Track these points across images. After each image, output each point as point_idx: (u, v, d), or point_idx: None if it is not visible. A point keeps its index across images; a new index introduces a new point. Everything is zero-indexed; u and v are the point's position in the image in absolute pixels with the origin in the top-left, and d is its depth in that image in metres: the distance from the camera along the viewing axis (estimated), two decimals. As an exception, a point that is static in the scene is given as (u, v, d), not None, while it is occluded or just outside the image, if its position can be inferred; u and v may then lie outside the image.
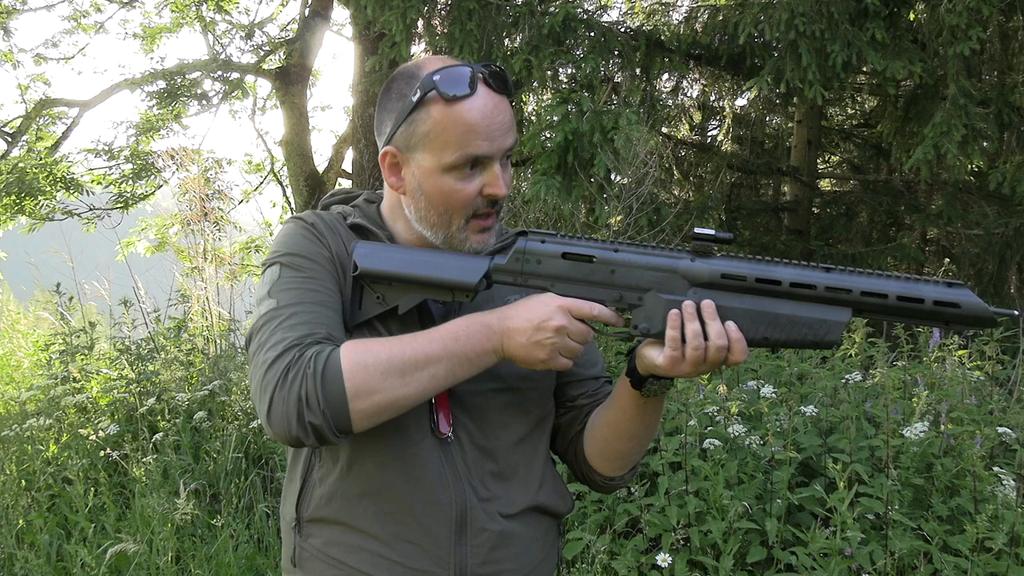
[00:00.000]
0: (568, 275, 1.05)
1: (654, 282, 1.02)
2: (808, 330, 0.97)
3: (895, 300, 0.94)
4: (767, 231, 7.57)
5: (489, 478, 1.14)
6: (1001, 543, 2.10)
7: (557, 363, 1.03)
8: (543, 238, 1.08)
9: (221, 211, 6.20)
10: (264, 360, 0.99)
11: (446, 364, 1.01)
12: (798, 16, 4.73)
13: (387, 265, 1.10)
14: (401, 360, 0.99)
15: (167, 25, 9.39)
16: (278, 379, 0.97)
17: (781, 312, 0.97)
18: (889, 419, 2.53)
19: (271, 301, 1.05)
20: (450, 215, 1.10)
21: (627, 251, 1.04)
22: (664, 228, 4.79)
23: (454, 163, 1.06)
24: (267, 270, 1.11)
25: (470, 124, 1.05)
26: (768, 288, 0.98)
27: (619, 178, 4.69)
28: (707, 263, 1.00)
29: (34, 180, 7.90)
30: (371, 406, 0.97)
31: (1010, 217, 5.83)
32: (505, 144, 1.09)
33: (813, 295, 0.96)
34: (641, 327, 1.03)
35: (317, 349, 0.98)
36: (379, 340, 1.03)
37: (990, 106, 4.92)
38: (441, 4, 5.70)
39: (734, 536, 2.34)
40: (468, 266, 1.09)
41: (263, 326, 1.04)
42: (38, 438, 3.77)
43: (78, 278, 5.12)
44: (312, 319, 1.03)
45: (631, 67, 5.90)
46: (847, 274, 0.96)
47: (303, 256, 1.10)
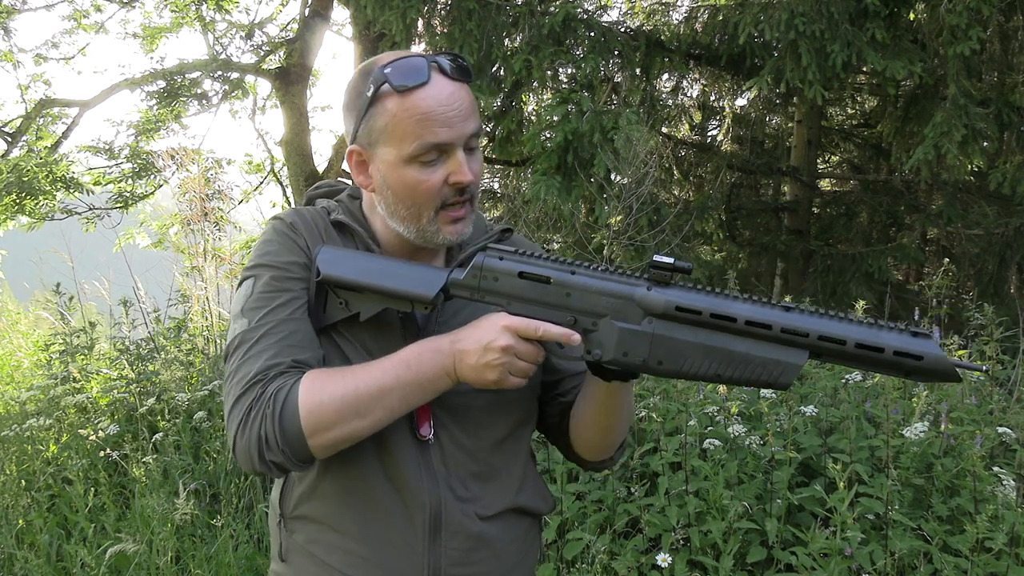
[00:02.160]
0: (524, 295, 1.04)
1: (609, 308, 1.00)
2: (762, 370, 0.94)
3: (853, 347, 0.91)
4: (767, 231, 7.57)
5: (470, 479, 1.14)
6: (1001, 543, 2.10)
7: (508, 383, 1.03)
8: (502, 255, 1.06)
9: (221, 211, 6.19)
10: (232, 393, 1.03)
11: (399, 394, 1.02)
12: (798, 16, 4.73)
13: (348, 273, 1.09)
14: (356, 395, 1.00)
15: (167, 25, 9.39)
16: (241, 418, 1.01)
17: (735, 350, 0.95)
18: (889, 419, 2.53)
19: (243, 321, 1.07)
20: (418, 208, 1.09)
21: (584, 274, 1.02)
22: (664, 228, 4.79)
23: (414, 153, 1.05)
24: (243, 283, 1.11)
25: (425, 112, 1.03)
26: (723, 324, 0.95)
27: (619, 178, 4.69)
28: (663, 293, 0.98)
29: (34, 179, 7.90)
30: (329, 441, 1.01)
31: (1010, 217, 5.83)
32: (466, 130, 1.06)
33: (768, 335, 0.94)
34: (594, 352, 1.01)
35: (279, 385, 1.01)
36: (337, 372, 1.04)
37: (990, 106, 4.92)
38: (441, 4, 5.70)
39: (734, 536, 2.34)
40: (427, 279, 1.08)
41: (235, 351, 1.06)
42: (38, 438, 3.77)
43: (78, 278, 5.13)
44: (279, 343, 1.04)
45: (631, 67, 5.90)
46: (806, 316, 0.93)
47: (277, 267, 1.10)
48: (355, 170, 1.13)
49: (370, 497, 1.10)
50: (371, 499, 1.10)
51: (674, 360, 0.98)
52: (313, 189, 1.28)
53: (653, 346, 0.98)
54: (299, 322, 1.08)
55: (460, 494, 1.13)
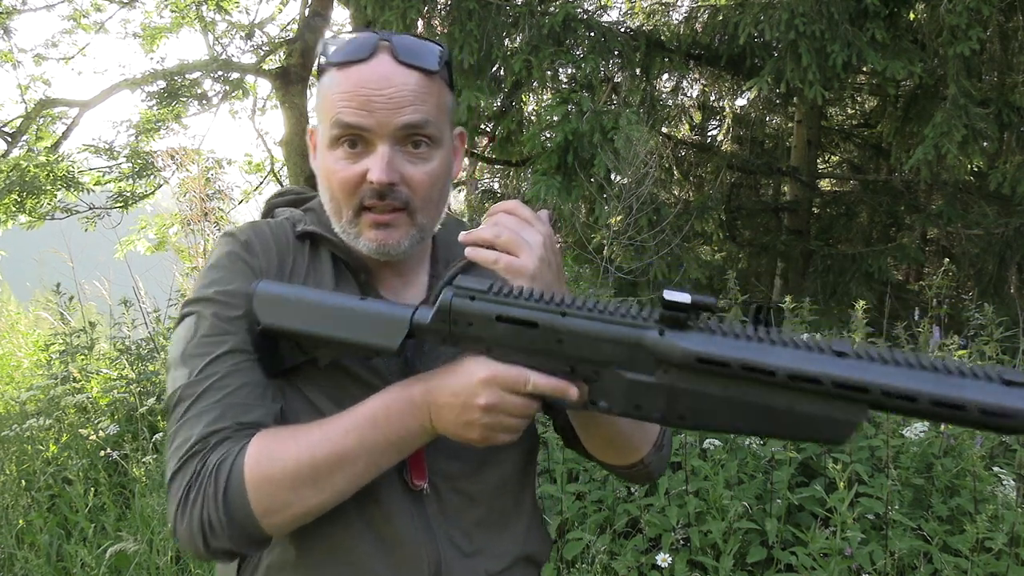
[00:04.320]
0: (506, 341, 0.85)
1: (613, 357, 0.82)
2: (808, 427, 0.78)
3: (928, 405, 0.72)
4: (767, 231, 7.58)
5: (475, 529, 1.00)
6: (1001, 543, 2.10)
7: (496, 441, 0.86)
8: (472, 294, 0.86)
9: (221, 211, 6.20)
10: (171, 465, 0.88)
11: (365, 458, 0.87)
12: (798, 16, 4.73)
13: (291, 322, 0.92)
14: (312, 465, 0.85)
15: (167, 25, 9.39)
16: (181, 497, 0.86)
17: (776, 406, 0.78)
18: (889, 419, 2.53)
19: (183, 371, 0.91)
20: (338, 202, 0.95)
21: (578, 316, 0.83)
22: (664, 228, 4.79)
23: (332, 136, 0.93)
24: (185, 319, 0.95)
25: (346, 90, 0.91)
26: (759, 378, 0.77)
27: (619, 178, 4.69)
28: (680, 338, 0.79)
29: (34, 179, 7.90)
30: (285, 520, 0.86)
31: (1010, 217, 5.83)
32: (393, 120, 0.90)
33: (817, 390, 0.76)
34: (601, 404, 0.84)
35: (220, 456, 0.86)
36: (290, 436, 0.88)
37: (990, 106, 4.93)
38: (441, 4, 5.70)
39: (734, 536, 2.34)
40: (386, 324, 0.89)
41: (175, 408, 0.91)
42: (38, 438, 3.77)
43: (78, 278, 5.12)
44: (223, 402, 0.89)
45: (631, 67, 5.90)
46: (865, 363, 0.74)
47: (223, 302, 0.93)
48: (312, 155, 1.02)
49: (358, 563, 0.94)
50: (359, 565, 0.94)
51: (699, 415, 0.81)
52: (276, 196, 1.10)
53: (671, 400, 0.81)
54: (247, 374, 0.92)
55: (465, 549, 0.98)
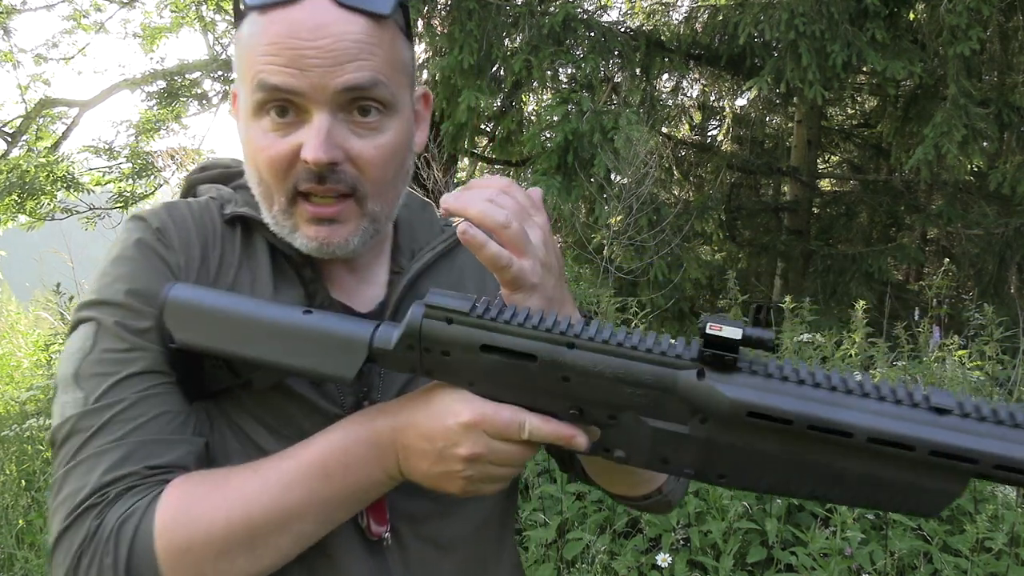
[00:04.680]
0: (495, 377, 0.66)
1: (635, 401, 0.64)
2: (891, 496, 0.61)
3: None
4: (767, 231, 7.58)
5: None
6: (1001, 543, 2.10)
7: (481, 492, 0.70)
8: (449, 315, 0.65)
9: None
10: (56, 521, 0.67)
11: (317, 514, 0.68)
12: (798, 16, 4.73)
13: (214, 340, 0.71)
14: (247, 527, 0.66)
15: (167, 25, 9.40)
16: (69, 568, 0.65)
17: (848, 470, 0.61)
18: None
19: (78, 395, 0.69)
20: (267, 187, 0.74)
21: (589, 348, 0.64)
22: (664, 228, 4.79)
23: (254, 101, 0.71)
24: (80, 327, 0.73)
25: (269, 41, 0.69)
26: (830, 439, 0.60)
27: (619, 178, 4.69)
28: (725, 383, 0.61)
29: (35, 179, 7.91)
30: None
31: (1010, 217, 5.84)
32: (331, 80, 0.69)
33: (908, 457, 0.58)
34: (616, 454, 0.67)
35: (123, 513, 0.65)
36: (215, 488, 0.68)
37: (990, 106, 4.93)
38: (441, 4, 5.70)
39: (734, 536, 2.34)
40: (338, 348, 0.69)
41: (64, 443, 0.69)
42: (38, 438, 3.77)
43: (78, 278, 5.12)
44: (128, 437, 0.68)
45: (631, 67, 5.90)
46: (974, 424, 0.57)
47: (133, 306, 0.72)
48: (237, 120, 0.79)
49: None
50: None
51: (744, 475, 0.64)
52: (198, 170, 0.88)
53: (709, 456, 0.65)
54: (162, 400, 0.71)
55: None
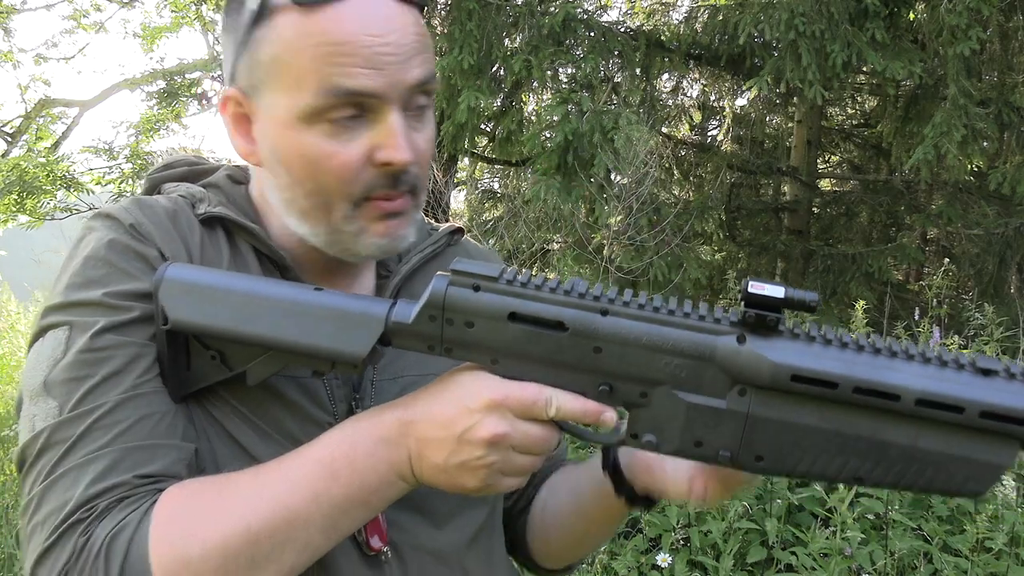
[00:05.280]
0: (521, 349, 0.63)
1: (669, 373, 0.61)
2: (936, 472, 0.59)
3: None
4: (767, 231, 7.58)
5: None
6: (1001, 543, 2.10)
7: (500, 487, 0.65)
8: (477, 281, 0.63)
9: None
10: (34, 545, 0.61)
11: (323, 522, 0.63)
12: (798, 16, 4.73)
13: (216, 318, 0.66)
14: (248, 540, 0.60)
15: (167, 25, 9.40)
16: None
17: (894, 442, 0.58)
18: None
19: (50, 406, 0.63)
20: (327, 197, 0.69)
21: (624, 315, 0.61)
22: (664, 228, 4.79)
23: (317, 107, 0.66)
24: (47, 333, 0.67)
25: (339, 41, 0.64)
26: (875, 403, 0.58)
27: (619, 178, 4.69)
28: (766, 348, 0.59)
29: (34, 179, 7.91)
30: None
31: (1010, 217, 5.84)
32: (404, 77, 0.67)
33: (956, 420, 0.57)
34: (645, 439, 0.64)
35: (113, 528, 0.59)
36: (213, 498, 0.62)
37: (990, 106, 4.93)
38: (441, 4, 5.70)
39: (734, 536, 2.34)
40: (351, 324, 0.65)
41: (37, 459, 0.63)
42: (38, 438, 3.77)
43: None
44: (112, 446, 0.62)
45: (631, 67, 5.90)
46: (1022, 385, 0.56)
47: (104, 304, 0.66)
48: (233, 128, 0.72)
49: None
50: None
51: (784, 456, 0.61)
52: (160, 169, 0.81)
53: (749, 434, 0.61)
54: (147, 401, 0.65)
55: None
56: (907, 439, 0.58)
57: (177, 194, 0.75)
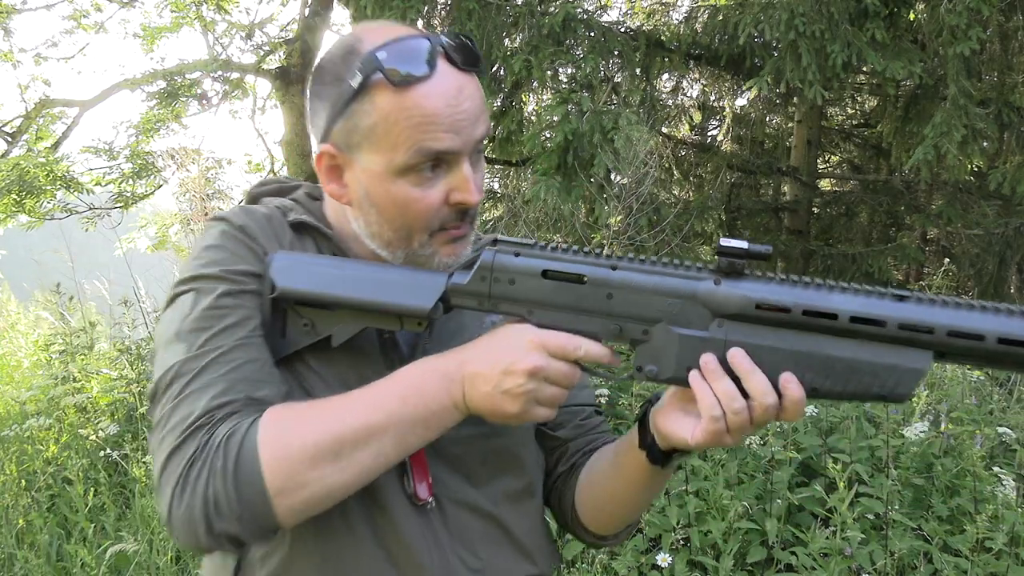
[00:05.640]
0: (551, 300, 0.82)
1: (665, 311, 0.79)
2: (871, 380, 0.74)
3: (995, 343, 0.71)
4: (767, 231, 7.58)
5: (479, 543, 0.93)
6: (1001, 543, 2.10)
7: (533, 415, 0.81)
8: (517, 249, 0.84)
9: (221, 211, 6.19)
10: (165, 446, 0.78)
11: (394, 434, 0.80)
12: (798, 16, 4.73)
13: (313, 284, 0.85)
14: (335, 439, 0.78)
15: (167, 25, 9.39)
16: (180, 475, 0.76)
17: (838, 355, 0.75)
18: (889, 419, 2.53)
19: (180, 347, 0.82)
20: (409, 230, 0.87)
21: (629, 269, 0.81)
22: (664, 228, 4.79)
23: (409, 164, 0.83)
24: (178, 298, 0.86)
25: (428, 114, 0.82)
26: (820, 323, 0.75)
27: (619, 178, 4.69)
28: (736, 287, 0.77)
29: (34, 179, 7.90)
30: (300, 502, 0.77)
31: (1010, 217, 5.84)
32: (475, 135, 0.85)
33: (881, 334, 0.74)
34: (647, 369, 0.80)
35: (230, 428, 0.77)
36: (309, 408, 0.82)
37: (990, 106, 4.93)
38: (441, 4, 5.70)
39: (734, 536, 2.34)
40: (419, 286, 0.85)
41: (169, 387, 0.81)
42: (38, 438, 3.77)
43: (78, 278, 5.12)
44: (229, 375, 0.81)
45: (631, 67, 5.90)
46: (928, 305, 0.73)
47: (224, 278, 0.86)
48: (326, 176, 0.90)
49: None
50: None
51: None
52: (258, 186, 1.03)
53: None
54: (256, 349, 0.84)
55: (471, 564, 0.91)
56: (848, 353, 0.75)
57: (273, 205, 0.96)
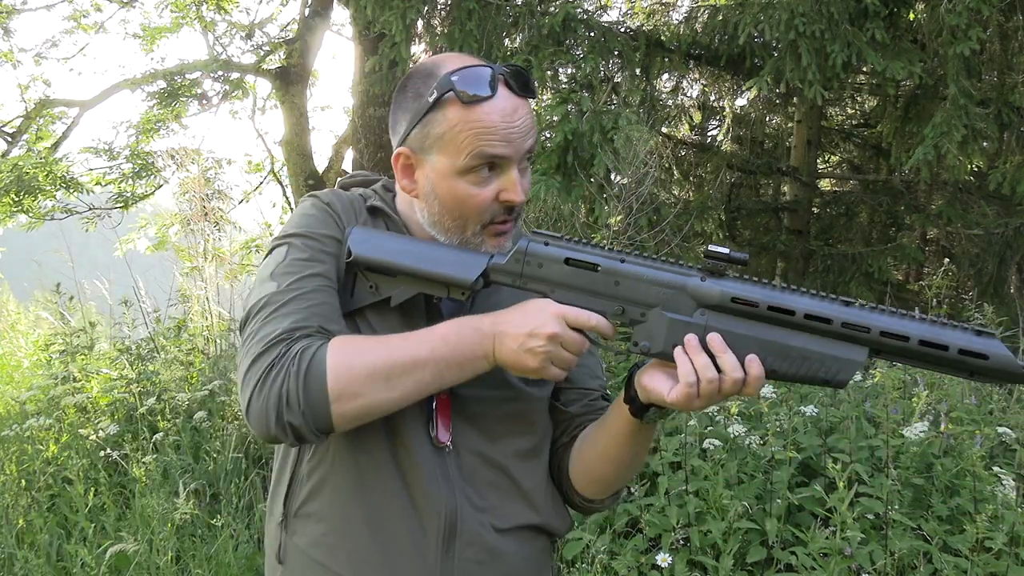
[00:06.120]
0: (569, 282, 1.02)
1: (660, 299, 0.98)
2: (819, 366, 0.93)
3: (917, 344, 0.89)
4: (767, 231, 7.57)
5: (487, 488, 1.11)
6: (1001, 543, 2.10)
7: (548, 372, 1.00)
8: (547, 240, 1.04)
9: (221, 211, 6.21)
10: (251, 353, 0.98)
11: (433, 368, 0.98)
12: (798, 16, 4.72)
13: (381, 254, 1.06)
14: (388, 363, 0.97)
15: (167, 25, 9.38)
16: (261, 375, 0.95)
17: (793, 344, 0.93)
18: (889, 419, 2.53)
19: (272, 284, 1.03)
20: (464, 220, 1.07)
21: (634, 263, 1.00)
22: (664, 228, 4.79)
23: (469, 165, 1.03)
24: (275, 249, 1.09)
25: (488, 126, 1.02)
26: (781, 317, 0.93)
27: (619, 178, 4.69)
28: (718, 283, 0.96)
29: (33, 179, 7.90)
30: (353, 409, 0.96)
31: (1010, 217, 5.84)
32: (524, 146, 1.05)
33: (828, 330, 0.92)
34: (642, 344, 0.99)
35: (304, 344, 0.97)
36: (368, 339, 1.02)
37: (990, 106, 4.92)
38: (441, 4, 5.70)
39: (734, 536, 2.34)
40: (466, 262, 1.05)
41: (259, 312, 1.02)
42: (38, 438, 3.77)
43: (78, 278, 5.12)
44: (308, 309, 1.01)
45: (631, 67, 5.90)
46: (868, 311, 0.91)
47: (312, 237, 1.08)
48: (401, 173, 1.10)
49: (384, 499, 1.07)
50: (385, 502, 1.07)
51: None
52: (348, 178, 1.26)
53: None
54: (329, 295, 1.05)
55: (476, 503, 1.09)
56: (802, 343, 0.94)
57: (357, 192, 1.18)
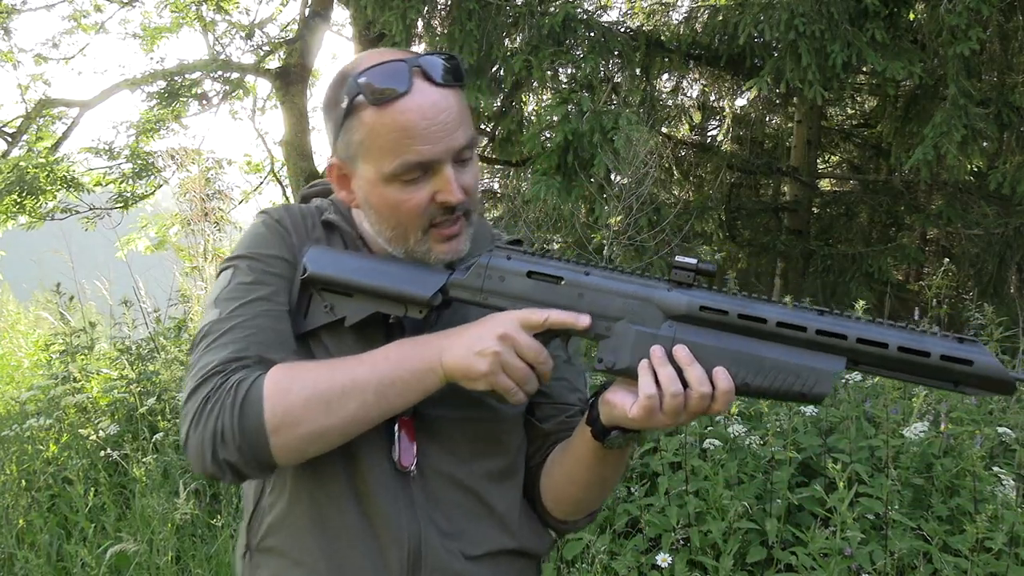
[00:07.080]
0: (532, 295, 0.95)
1: (625, 311, 0.92)
2: (795, 379, 0.86)
3: (896, 351, 0.84)
4: (767, 231, 7.57)
5: (457, 512, 1.03)
6: (1001, 543, 2.10)
7: (499, 380, 0.91)
8: (509, 254, 0.98)
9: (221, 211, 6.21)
10: (188, 386, 0.93)
11: (376, 388, 0.91)
12: (798, 16, 4.73)
13: (337, 271, 1.01)
14: (327, 388, 0.90)
15: (167, 25, 9.39)
16: (196, 410, 0.90)
17: (766, 356, 0.87)
18: (889, 419, 2.53)
19: (215, 311, 0.98)
20: (404, 228, 0.99)
21: (598, 274, 0.94)
22: (664, 228, 4.79)
23: (394, 173, 0.95)
24: (222, 273, 1.03)
25: (405, 128, 0.93)
26: (752, 327, 0.88)
27: (619, 178, 4.69)
28: (685, 293, 0.91)
29: (34, 179, 7.90)
30: (295, 440, 0.90)
31: (1010, 217, 5.84)
32: (453, 144, 0.95)
33: (802, 339, 0.86)
34: (606, 360, 0.92)
35: (241, 376, 0.91)
36: (309, 365, 0.96)
37: (990, 106, 4.92)
38: (441, 4, 5.71)
39: (734, 536, 2.34)
40: (423, 278, 0.99)
41: (200, 341, 0.97)
42: (38, 438, 3.77)
43: (78, 278, 5.12)
44: (248, 337, 0.95)
45: (631, 67, 5.90)
46: (843, 319, 0.87)
47: (257, 259, 1.02)
48: (337, 184, 1.04)
49: (342, 532, 0.99)
50: (343, 534, 0.99)
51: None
52: (309, 187, 1.19)
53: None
54: (275, 319, 0.98)
55: (444, 528, 1.01)
56: (776, 354, 0.87)
57: (314, 204, 1.12)
